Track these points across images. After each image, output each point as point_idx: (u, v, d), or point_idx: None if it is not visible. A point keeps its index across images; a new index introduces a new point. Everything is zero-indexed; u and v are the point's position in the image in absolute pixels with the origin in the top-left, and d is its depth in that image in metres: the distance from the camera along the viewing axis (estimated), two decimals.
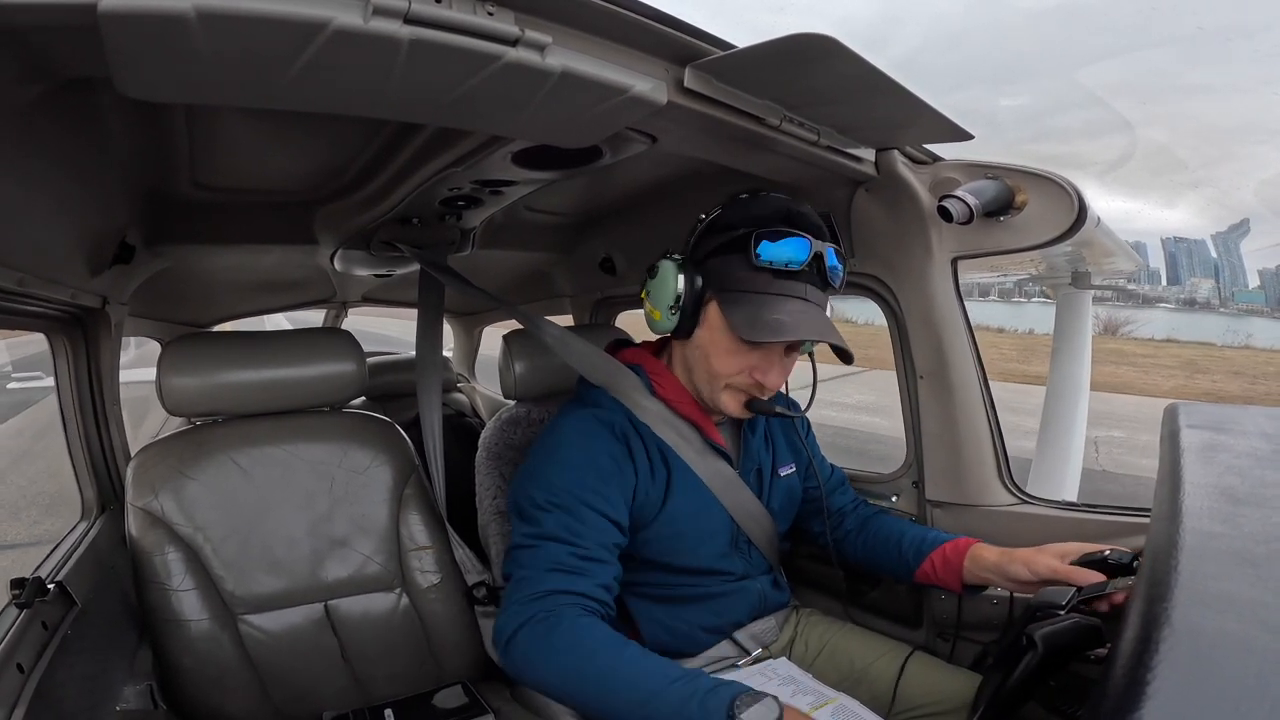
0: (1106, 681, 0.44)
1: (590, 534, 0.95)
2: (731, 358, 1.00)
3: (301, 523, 1.21)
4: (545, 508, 0.97)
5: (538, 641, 0.86)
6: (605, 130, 0.85)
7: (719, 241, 1.00)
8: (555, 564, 0.92)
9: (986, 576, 1.01)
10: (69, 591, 0.91)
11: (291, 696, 1.16)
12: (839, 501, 1.27)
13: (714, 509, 1.09)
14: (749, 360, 1.00)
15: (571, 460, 1.00)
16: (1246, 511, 0.61)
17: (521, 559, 0.95)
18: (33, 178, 0.80)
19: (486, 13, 0.61)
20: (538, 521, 0.96)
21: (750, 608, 1.16)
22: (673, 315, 1.02)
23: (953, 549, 1.06)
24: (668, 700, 0.76)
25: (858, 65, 0.76)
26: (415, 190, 1.16)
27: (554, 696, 0.90)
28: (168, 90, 0.64)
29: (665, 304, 1.02)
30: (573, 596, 0.90)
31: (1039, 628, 0.79)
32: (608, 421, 1.05)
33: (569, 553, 0.93)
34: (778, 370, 1.01)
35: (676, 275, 1.01)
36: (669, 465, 1.06)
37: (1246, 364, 14.61)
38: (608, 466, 1.00)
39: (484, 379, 3.11)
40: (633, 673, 0.81)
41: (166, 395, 1.17)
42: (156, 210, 1.30)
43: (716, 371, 1.02)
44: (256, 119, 1.00)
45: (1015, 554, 0.97)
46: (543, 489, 0.98)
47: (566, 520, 0.95)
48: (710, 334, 1.02)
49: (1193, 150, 54.28)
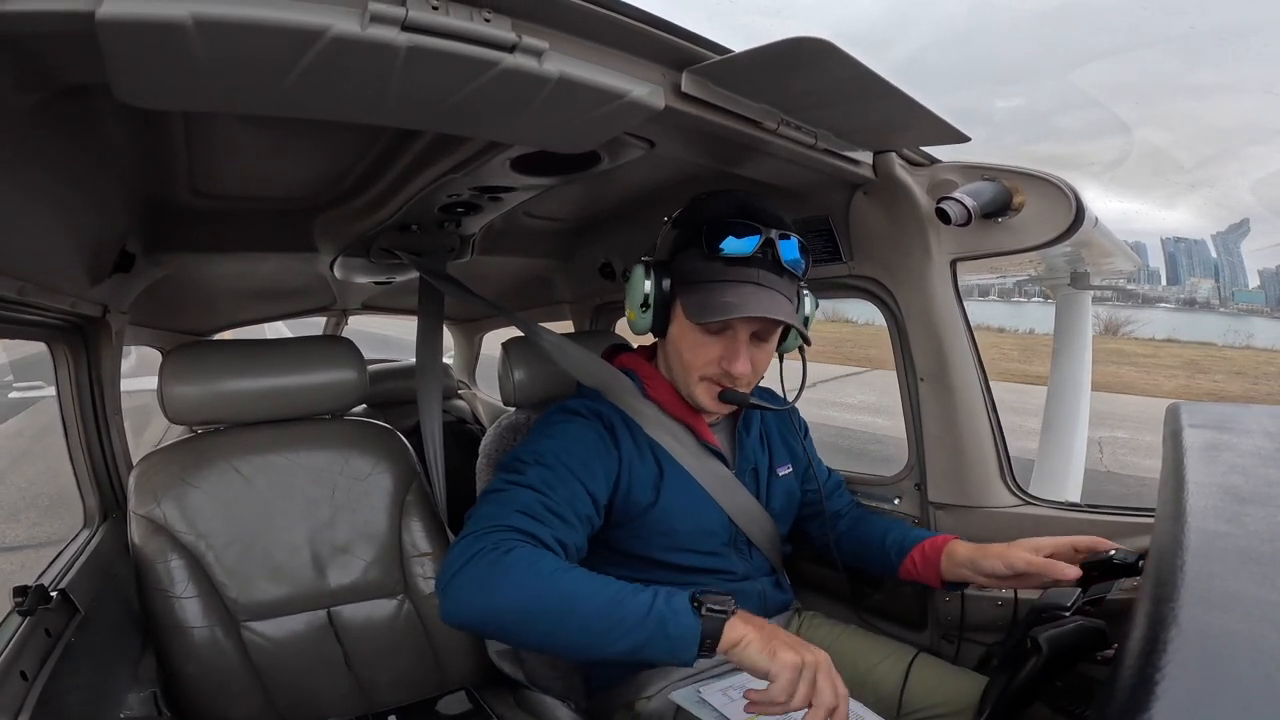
0: (1114, 682, 0.44)
1: (563, 492, 0.94)
2: (699, 349, 1.03)
3: (303, 530, 1.21)
4: (527, 462, 0.96)
5: (489, 568, 0.80)
6: (603, 135, 0.85)
7: (680, 239, 1.04)
8: (521, 507, 0.89)
9: (963, 573, 1.04)
10: (72, 599, 0.91)
11: (295, 703, 1.16)
12: (836, 504, 1.28)
13: (710, 508, 1.09)
14: (715, 350, 1.02)
15: (558, 433, 1.03)
16: (1251, 510, 0.61)
17: (488, 499, 0.92)
18: (32, 186, 0.80)
19: (483, 19, 0.61)
20: (516, 471, 0.96)
21: (751, 609, 1.14)
22: (645, 313, 1.06)
23: (930, 545, 1.09)
24: (636, 604, 0.76)
25: (854, 68, 0.77)
26: (414, 197, 1.16)
27: (506, 623, 0.81)
28: (166, 98, 0.65)
29: (636, 303, 1.06)
30: (528, 537, 0.85)
31: (1043, 630, 0.79)
32: (596, 411, 1.08)
33: (538, 500, 0.90)
34: (743, 358, 1.02)
35: (645, 276, 1.04)
36: (661, 463, 1.07)
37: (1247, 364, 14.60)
38: (594, 442, 1.03)
39: (484, 385, 3.11)
40: (593, 585, 0.79)
41: (168, 404, 1.17)
42: (156, 218, 1.31)
43: (688, 364, 1.05)
44: (255, 126, 1.00)
45: (989, 549, 1.00)
46: (528, 451, 0.99)
47: (544, 474, 0.94)
48: (679, 329, 1.05)
49: (1202, 149, 54.09)
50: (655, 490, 1.06)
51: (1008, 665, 0.82)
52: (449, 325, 3.06)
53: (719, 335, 1.02)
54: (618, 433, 1.06)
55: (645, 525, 1.06)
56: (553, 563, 0.82)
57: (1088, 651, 0.81)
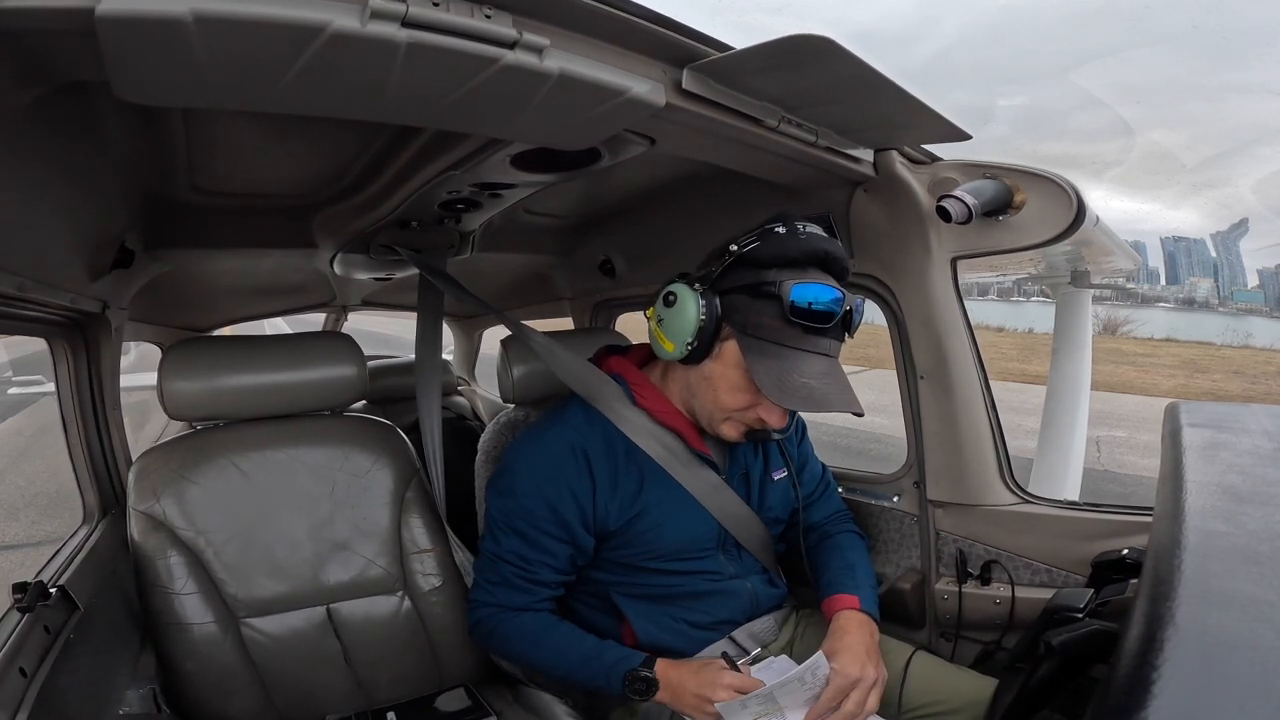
0: (1111, 681, 0.44)
1: (540, 561, 1.08)
2: (741, 395, 0.99)
3: (303, 526, 1.21)
4: (503, 530, 1.09)
5: (492, 632, 1.11)
6: (604, 132, 0.85)
7: (747, 280, 0.95)
8: (504, 580, 1.09)
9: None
10: (71, 596, 0.91)
11: (294, 700, 1.16)
12: (817, 514, 1.25)
13: (696, 515, 1.09)
14: (757, 399, 0.99)
15: (529, 487, 1.07)
16: (1249, 510, 0.61)
17: (482, 565, 1.14)
18: (31, 182, 0.80)
19: (484, 15, 0.61)
20: (496, 539, 1.10)
21: (743, 607, 1.15)
22: (687, 348, 0.98)
23: (827, 606, 1.10)
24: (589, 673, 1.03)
25: (855, 66, 0.76)
26: (414, 193, 1.16)
27: (510, 660, 1.21)
28: (166, 94, 0.65)
29: (684, 338, 0.98)
30: (512, 612, 1.10)
31: (1057, 634, 0.78)
32: (569, 441, 1.07)
33: (518, 575, 1.08)
34: (780, 413, 1.00)
35: (698, 305, 0.96)
36: (642, 474, 1.07)
37: (1246, 363, 14.60)
38: (563, 494, 1.05)
39: (484, 382, 3.11)
40: (562, 651, 1.06)
41: (168, 399, 1.17)
42: (156, 214, 1.30)
43: (724, 405, 1.01)
44: (255, 123, 1.00)
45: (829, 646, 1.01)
46: (505, 508, 1.09)
47: (520, 548, 1.08)
48: (723, 369, 0.99)
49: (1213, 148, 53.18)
50: (633, 501, 1.07)
51: (1018, 668, 0.82)
52: (448, 321, 3.06)
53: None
54: (591, 459, 1.06)
55: (628, 538, 1.08)
56: (535, 630, 1.09)
57: (1100, 655, 0.81)
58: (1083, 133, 76.24)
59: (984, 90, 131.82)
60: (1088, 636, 0.79)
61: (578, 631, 1.08)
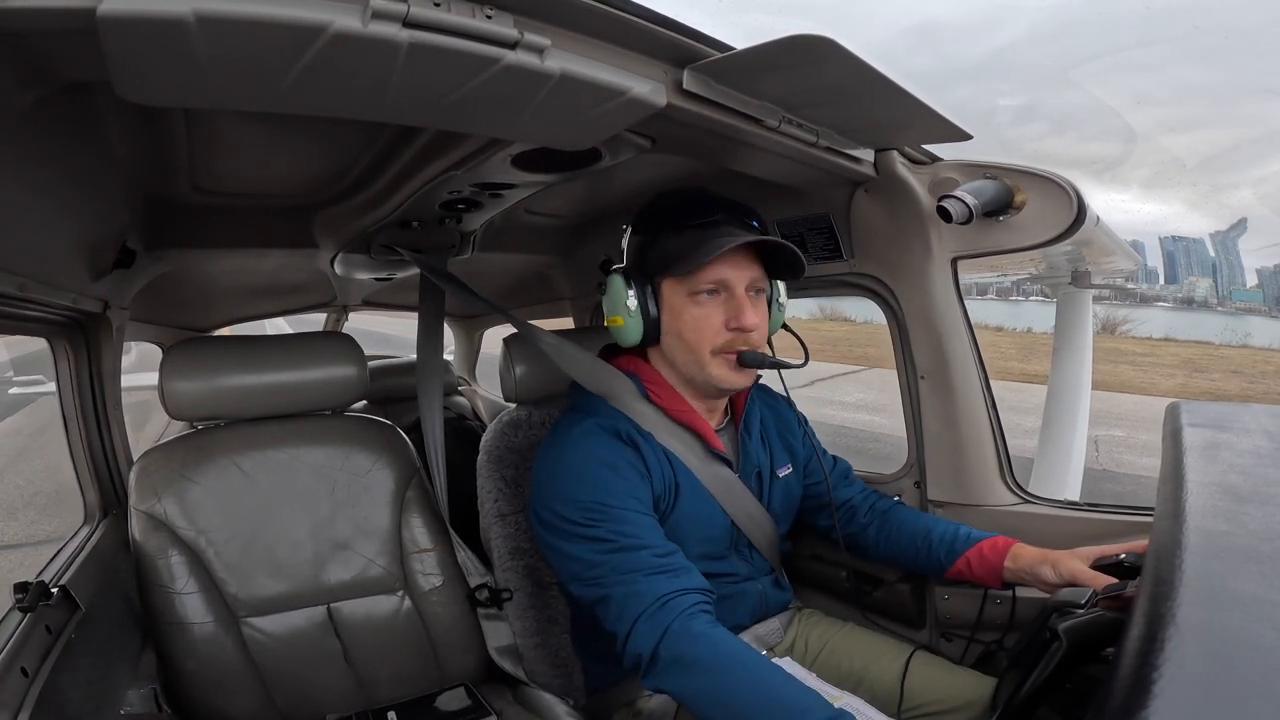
0: (1112, 681, 0.44)
1: (650, 534, 0.95)
2: (702, 321, 1.02)
3: (304, 526, 1.21)
4: (587, 523, 0.95)
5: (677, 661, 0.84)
6: (604, 132, 0.85)
7: (646, 235, 1.06)
8: (646, 567, 0.91)
9: (1021, 575, 1.02)
10: (72, 595, 0.91)
11: (295, 699, 1.16)
12: (845, 494, 1.25)
13: (715, 514, 1.09)
14: (718, 316, 1.02)
15: (596, 474, 0.99)
16: (1250, 510, 0.61)
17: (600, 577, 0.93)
18: (33, 182, 0.80)
19: (485, 15, 0.61)
20: (589, 544, 0.95)
21: (752, 609, 1.15)
22: (632, 317, 1.05)
23: (990, 548, 1.06)
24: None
25: (856, 66, 0.76)
26: (415, 193, 1.16)
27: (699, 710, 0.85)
28: (167, 94, 0.65)
29: (621, 309, 1.05)
30: (689, 595, 0.89)
31: (1063, 620, 0.78)
32: (611, 429, 1.04)
33: (650, 554, 0.92)
34: (749, 310, 1.02)
35: (623, 282, 1.05)
36: (675, 470, 1.06)
37: (1245, 363, 14.59)
38: (630, 473, 1.00)
39: (485, 382, 3.11)
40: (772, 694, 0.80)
41: (169, 399, 1.17)
42: (157, 214, 1.30)
43: (695, 342, 1.03)
44: (256, 123, 1.00)
45: (1049, 555, 0.99)
46: (575, 505, 0.97)
47: (618, 527, 0.94)
48: (673, 313, 1.04)
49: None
50: (673, 498, 1.05)
51: (1022, 662, 0.82)
52: (450, 321, 3.06)
53: (717, 299, 1.02)
54: (640, 447, 1.04)
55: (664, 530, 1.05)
56: (729, 658, 0.84)
57: (1106, 643, 0.80)
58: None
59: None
60: (1092, 623, 0.79)
61: (781, 674, 0.84)
